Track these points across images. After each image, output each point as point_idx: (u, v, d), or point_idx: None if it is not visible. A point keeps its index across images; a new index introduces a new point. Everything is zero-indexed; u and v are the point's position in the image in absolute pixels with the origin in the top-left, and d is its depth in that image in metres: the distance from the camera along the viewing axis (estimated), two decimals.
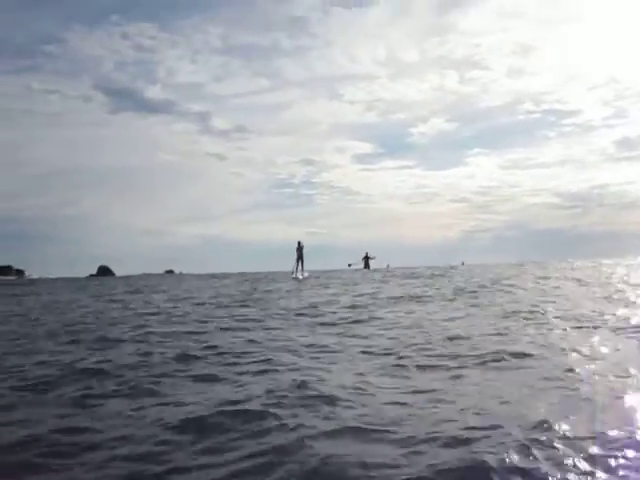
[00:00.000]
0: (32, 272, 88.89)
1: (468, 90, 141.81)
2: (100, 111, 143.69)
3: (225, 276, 51.18)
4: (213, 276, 50.28)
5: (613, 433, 3.77)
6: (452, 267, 48.13)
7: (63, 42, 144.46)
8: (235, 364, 6.64)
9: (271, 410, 4.49)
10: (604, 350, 6.80)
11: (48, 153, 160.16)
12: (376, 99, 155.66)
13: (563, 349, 6.95)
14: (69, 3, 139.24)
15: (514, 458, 3.37)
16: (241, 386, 5.49)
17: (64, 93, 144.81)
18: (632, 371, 5.54)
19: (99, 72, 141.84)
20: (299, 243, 34.78)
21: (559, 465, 3.32)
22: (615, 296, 13.95)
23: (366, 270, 40.82)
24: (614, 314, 10.11)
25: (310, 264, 36.05)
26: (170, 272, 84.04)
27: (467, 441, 3.71)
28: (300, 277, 32.92)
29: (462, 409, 4.51)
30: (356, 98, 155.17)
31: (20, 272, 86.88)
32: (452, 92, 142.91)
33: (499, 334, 8.40)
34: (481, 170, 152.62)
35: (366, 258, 44.47)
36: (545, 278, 23.27)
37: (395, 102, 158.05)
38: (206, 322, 10.93)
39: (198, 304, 15.65)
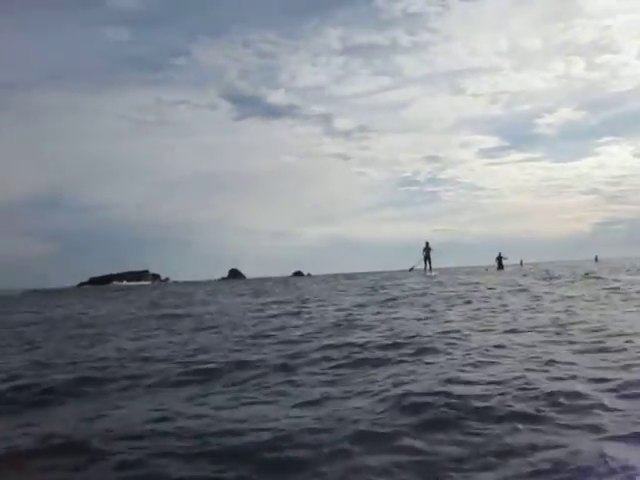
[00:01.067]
0: (169, 276, 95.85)
1: (596, 76, 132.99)
2: (226, 118, 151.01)
3: (352, 276, 50.68)
4: (350, 277, 49.23)
5: None
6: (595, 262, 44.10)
7: (189, 54, 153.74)
8: None
9: None
10: None
11: (179, 160, 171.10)
12: (500, 91, 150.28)
13: None
14: (193, 17, 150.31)
15: None
16: None
17: (192, 103, 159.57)
18: None
19: (224, 81, 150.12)
20: (427, 244, 35.21)
21: None
22: None
23: (500, 271, 39.03)
24: None
25: (437, 262, 36.21)
26: (298, 274, 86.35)
27: None
28: (430, 274, 33.18)
29: None
30: (479, 91, 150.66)
31: (156, 276, 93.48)
32: (579, 79, 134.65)
33: None
34: (612, 159, 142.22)
35: (499, 259, 43.02)
36: None
37: (520, 93, 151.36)
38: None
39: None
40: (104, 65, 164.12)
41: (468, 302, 12.03)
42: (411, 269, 37.81)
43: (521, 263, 57.73)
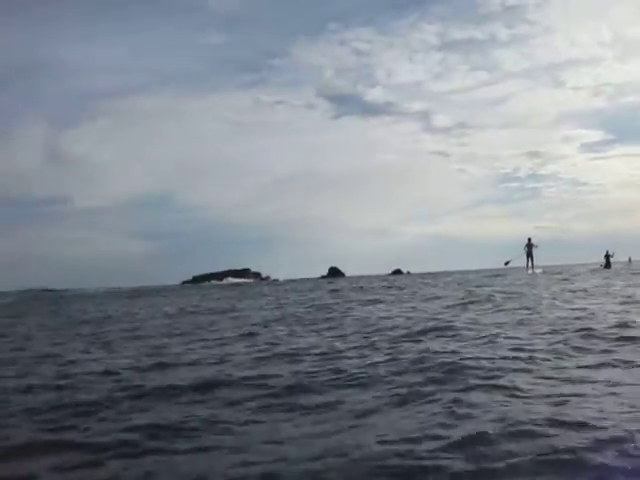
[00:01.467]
0: (269, 274, 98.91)
1: None
2: (324, 117, 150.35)
3: (448, 274, 50.62)
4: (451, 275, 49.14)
5: None
6: None
7: (287, 55, 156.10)
8: None
9: None
10: None
11: (279, 160, 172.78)
12: (603, 83, 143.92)
13: None
14: (290, 17, 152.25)
15: None
16: None
17: (290, 103, 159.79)
18: None
19: (321, 80, 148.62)
20: (529, 240, 35.02)
21: None
22: None
23: (608, 269, 38.32)
24: None
25: (539, 259, 36.12)
26: (397, 272, 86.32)
27: None
28: (532, 272, 33.06)
29: None
30: (580, 84, 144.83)
31: (257, 274, 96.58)
32: None
33: None
34: None
35: (607, 256, 42.17)
36: None
37: (624, 84, 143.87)
38: None
39: None
40: (204, 68, 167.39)
41: None
42: (507, 263, 36.42)
43: (629, 260, 55.93)
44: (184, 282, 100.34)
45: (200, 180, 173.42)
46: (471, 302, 13.66)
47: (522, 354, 6.16)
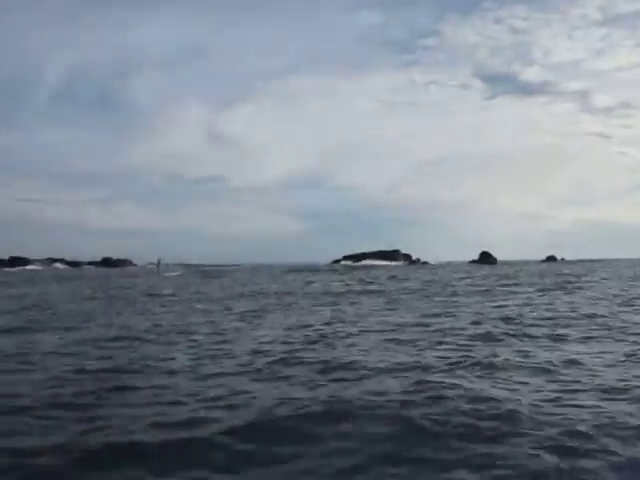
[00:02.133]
0: (419, 256, 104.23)
1: None
2: (478, 97, 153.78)
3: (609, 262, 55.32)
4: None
5: None
6: None
7: (439, 34, 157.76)
8: None
9: None
10: None
11: (430, 141, 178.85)
12: None
13: None
14: None
15: None
16: None
17: (443, 83, 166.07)
18: None
19: (475, 59, 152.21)
20: None
21: None
22: None
23: None
24: None
25: None
26: (551, 258, 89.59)
27: None
28: None
29: None
30: None
31: (407, 256, 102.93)
32: None
33: None
34: None
35: None
36: None
37: None
38: None
39: None
40: (358, 49, 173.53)
41: None
42: None
43: None
44: (335, 261, 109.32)
45: (353, 160, 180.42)
46: None
47: None
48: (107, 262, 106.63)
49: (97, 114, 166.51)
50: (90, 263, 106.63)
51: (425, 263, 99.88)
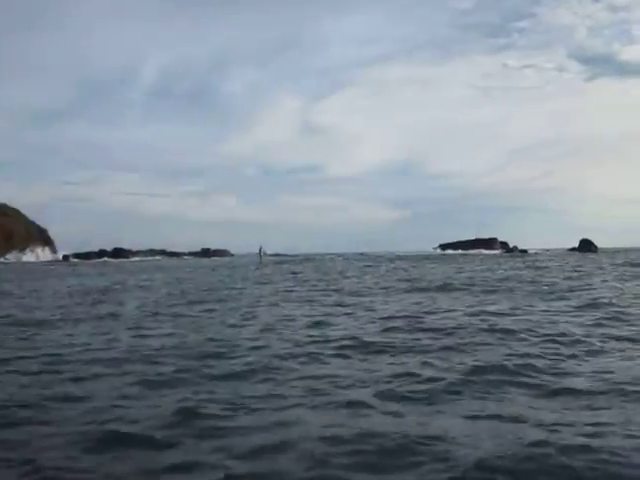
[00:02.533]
0: (516, 244, 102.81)
1: None
2: (576, 80, 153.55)
3: None
4: None
5: None
6: None
7: (534, 16, 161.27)
8: None
9: None
10: None
11: (526, 126, 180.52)
12: None
13: None
14: None
15: None
16: None
17: (539, 66, 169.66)
18: None
19: (572, 40, 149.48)
20: None
21: None
22: None
23: None
24: None
25: None
26: None
27: None
28: None
29: None
30: None
31: (505, 244, 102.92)
32: None
33: None
34: None
35: None
36: None
37: None
38: None
39: None
40: (450, 35, 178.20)
41: None
42: None
43: None
44: (434, 248, 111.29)
45: (447, 147, 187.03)
46: None
47: None
48: (206, 252, 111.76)
49: (193, 109, 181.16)
50: (190, 253, 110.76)
51: (524, 251, 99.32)
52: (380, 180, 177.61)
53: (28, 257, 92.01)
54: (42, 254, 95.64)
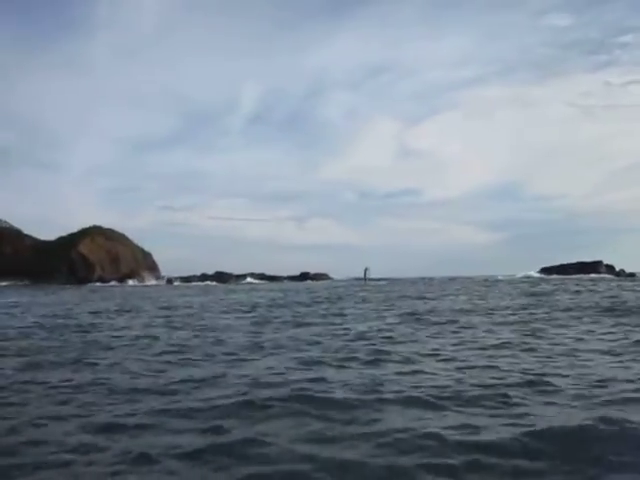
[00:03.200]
0: (623, 267, 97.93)
1: None
2: None
3: None
4: None
5: None
6: None
7: (637, 30, 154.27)
8: None
9: None
10: None
11: (632, 144, 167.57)
12: None
13: None
14: None
15: None
16: None
17: None
18: None
19: None
20: None
21: None
22: None
23: None
24: None
25: None
26: None
27: None
28: None
29: None
30: None
31: (610, 268, 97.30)
32: None
33: None
34: None
35: None
36: None
37: None
38: None
39: None
40: (547, 54, 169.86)
41: None
42: None
43: None
44: (539, 270, 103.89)
45: (547, 169, 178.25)
46: None
47: None
48: (304, 276, 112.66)
49: (290, 135, 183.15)
50: (289, 277, 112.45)
51: (632, 275, 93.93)
52: (479, 202, 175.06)
53: (134, 281, 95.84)
54: (147, 277, 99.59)
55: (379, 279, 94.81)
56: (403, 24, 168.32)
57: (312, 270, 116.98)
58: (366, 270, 67.83)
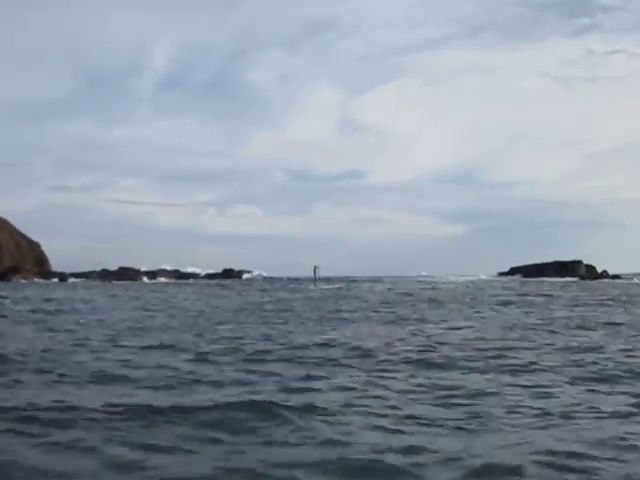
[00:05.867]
0: (605, 268, 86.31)
1: None
2: None
3: None
4: None
5: None
6: None
7: None
8: None
9: None
10: None
11: (614, 124, 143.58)
12: None
13: None
14: None
15: None
16: None
17: (628, 52, 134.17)
18: None
19: None
20: None
21: None
22: None
23: None
24: None
25: None
26: None
27: None
28: None
29: None
30: None
31: (591, 268, 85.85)
32: None
33: None
34: None
35: None
36: None
37: None
38: None
39: None
40: (521, 15, 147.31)
41: None
42: None
43: None
44: (500, 273, 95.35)
45: (516, 150, 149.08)
46: None
47: None
48: (228, 273, 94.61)
49: (211, 103, 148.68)
50: (209, 276, 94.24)
51: (616, 277, 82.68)
52: (436, 189, 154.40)
53: (17, 278, 76.05)
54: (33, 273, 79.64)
55: (329, 279, 78.32)
56: None
57: (237, 266, 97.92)
58: (315, 269, 60.83)
